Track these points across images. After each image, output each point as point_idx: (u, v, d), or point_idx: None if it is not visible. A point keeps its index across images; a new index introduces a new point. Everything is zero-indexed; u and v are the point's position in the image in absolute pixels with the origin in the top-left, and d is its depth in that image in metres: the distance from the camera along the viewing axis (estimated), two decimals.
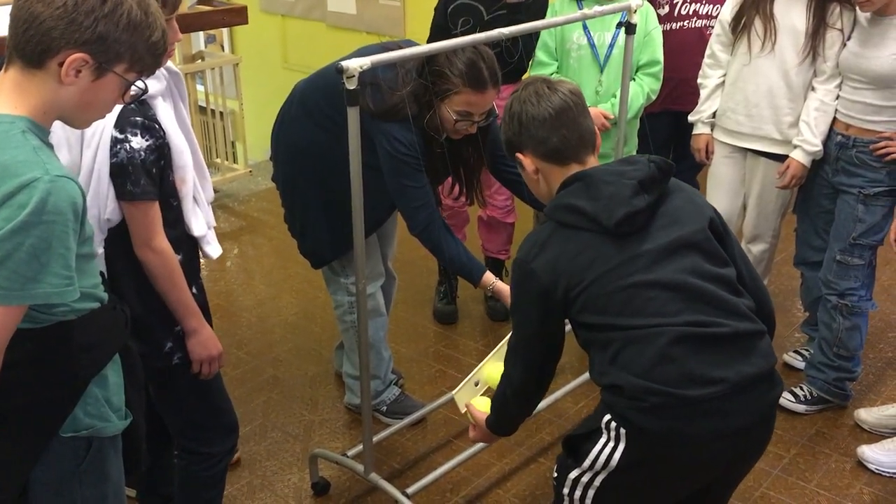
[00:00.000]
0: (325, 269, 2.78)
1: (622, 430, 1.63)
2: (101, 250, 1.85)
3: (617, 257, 1.65)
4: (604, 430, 1.66)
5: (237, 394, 3.09)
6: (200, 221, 1.98)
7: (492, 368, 2.15)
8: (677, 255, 1.66)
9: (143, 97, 1.78)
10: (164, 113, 1.86)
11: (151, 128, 1.81)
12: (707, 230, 1.71)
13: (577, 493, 1.71)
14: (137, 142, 1.78)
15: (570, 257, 1.67)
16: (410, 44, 2.40)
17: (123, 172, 1.78)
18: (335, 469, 2.68)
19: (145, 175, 1.80)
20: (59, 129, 1.74)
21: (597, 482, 1.68)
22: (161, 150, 1.83)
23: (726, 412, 1.60)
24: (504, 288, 2.43)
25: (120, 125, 1.77)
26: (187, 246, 1.97)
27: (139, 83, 1.48)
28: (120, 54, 1.41)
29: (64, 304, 1.44)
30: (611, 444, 1.65)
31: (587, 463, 1.68)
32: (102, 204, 1.80)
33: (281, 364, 3.31)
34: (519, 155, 1.80)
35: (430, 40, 3.20)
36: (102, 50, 1.39)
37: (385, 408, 2.92)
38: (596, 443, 1.67)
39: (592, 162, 1.78)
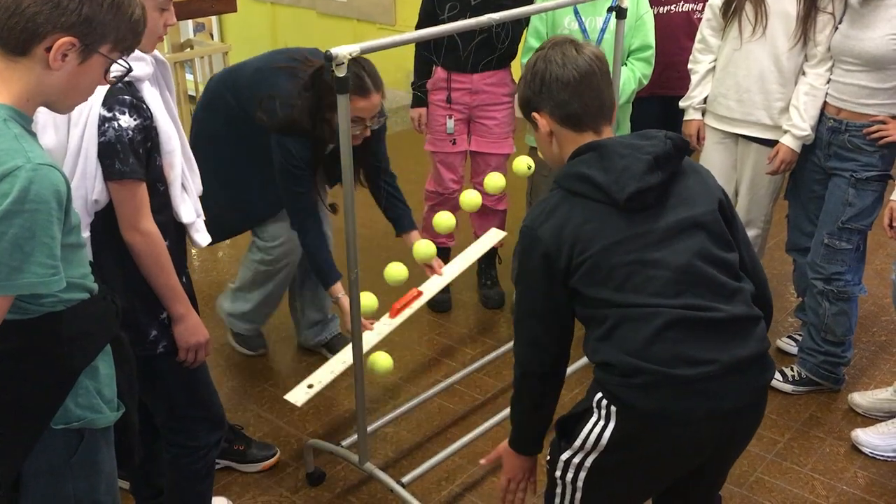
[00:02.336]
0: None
1: (613, 408, 1.62)
2: (86, 234, 1.83)
3: (623, 231, 1.62)
4: (595, 409, 1.65)
5: (230, 385, 3.09)
6: (189, 208, 1.97)
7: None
8: (684, 235, 1.64)
9: (129, 79, 1.77)
10: (152, 96, 1.86)
11: (139, 107, 1.80)
12: (717, 212, 1.70)
13: (570, 475, 1.70)
14: (125, 120, 1.77)
15: (577, 225, 1.64)
16: (316, 53, 2.64)
17: (112, 151, 1.77)
18: (330, 459, 2.67)
19: (133, 154, 1.79)
20: (44, 111, 1.73)
21: (588, 463, 1.68)
22: (147, 131, 1.82)
23: (716, 393, 1.59)
24: (346, 304, 2.57)
25: (108, 104, 1.76)
26: (174, 233, 1.96)
27: (122, 63, 1.48)
28: (105, 35, 1.41)
29: (52, 294, 1.43)
30: (601, 423, 1.64)
31: (578, 443, 1.67)
32: (90, 185, 1.79)
33: (273, 354, 3.29)
34: (535, 114, 1.74)
35: (418, 27, 3.18)
36: (88, 32, 1.39)
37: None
38: (587, 422, 1.66)
39: (608, 132, 1.74)
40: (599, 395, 1.65)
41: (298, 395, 2.51)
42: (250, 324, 3.19)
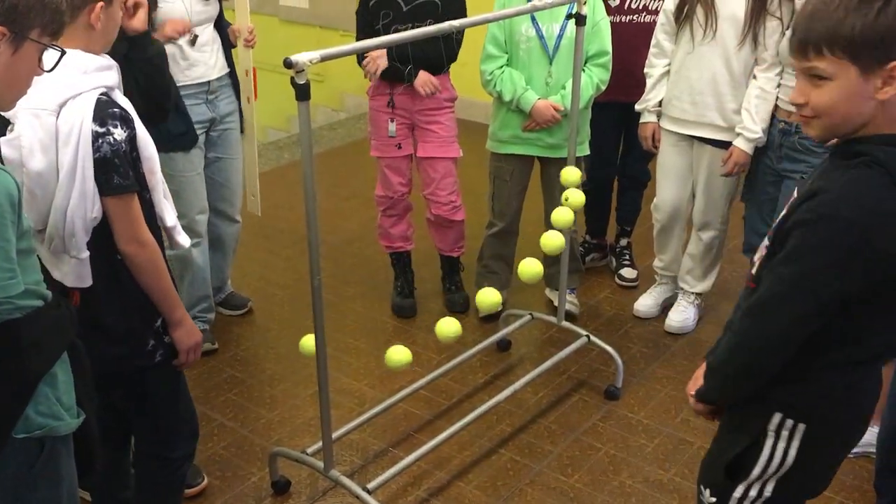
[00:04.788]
0: None
1: (801, 426, 1.54)
2: (86, 254, 1.81)
3: None
4: (771, 434, 1.56)
5: (195, 394, 3.03)
6: (171, 211, 1.97)
7: None
8: None
9: (105, 88, 1.77)
10: (126, 104, 1.84)
11: (127, 118, 1.79)
12: None
13: None
14: (119, 133, 1.75)
15: None
16: None
17: (109, 166, 1.75)
18: (295, 467, 2.66)
19: (130, 167, 1.78)
20: (29, 132, 1.71)
21: (768, 490, 1.59)
22: (133, 140, 1.81)
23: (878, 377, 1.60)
24: None
25: (100, 118, 1.74)
26: (158, 239, 1.94)
27: (55, 47, 1.48)
28: (32, 20, 1.42)
29: (8, 302, 1.41)
30: (782, 445, 1.56)
31: (756, 472, 1.59)
32: (89, 204, 1.76)
33: (238, 363, 3.28)
34: (894, 64, 1.34)
35: (358, 38, 3.19)
36: (15, 19, 1.39)
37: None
38: (762, 448, 1.57)
39: None
40: (779, 417, 1.55)
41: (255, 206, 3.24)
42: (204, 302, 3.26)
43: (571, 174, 2.80)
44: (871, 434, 2.67)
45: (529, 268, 2.53)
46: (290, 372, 3.21)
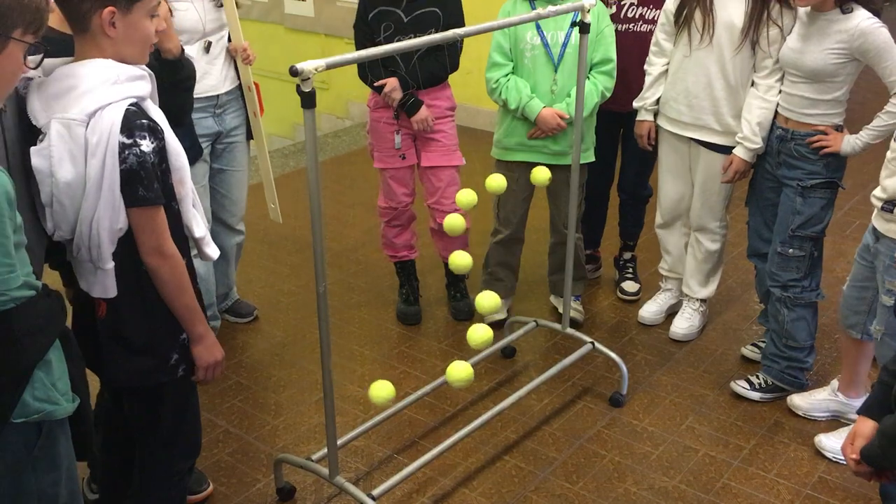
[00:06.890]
0: None
1: None
2: (111, 265, 1.81)
3: None
4: None
5: (200, 400, 3.05)
6: (200, 222, 1.96)
7: None
8: None
9: (136, 99, 1.77)
10: (157, 114, 1.84)
11: (155, 129, 1.78)
12: None
13: None
14: (146, 145, 1.75)
15: None
16: None
17: (135, 178, 1.74)
18: (301, 474, 2.67)
19: (156, 179, 1.78)
20: (59, 142, 1.72)
21: None
22: (162, 152, 1.80)
23: None
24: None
25: (128, 130, 1.73)
26: (184, 251, 1.94)
27: (39, 46, 1.51)
28: (14, 19, 1.45)
29: (4, 294, 1.46)
30: None
31: None
32: (115, 214, 1.76)
33: (244, 370, 3.29)
34: None
35: (358, 48, 3.19)
36: None
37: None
38: None
39: None
40: None
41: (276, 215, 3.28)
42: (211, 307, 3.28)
43: (541, 173, 2.84)
44: None
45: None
46: (296, 379, 3.22)
